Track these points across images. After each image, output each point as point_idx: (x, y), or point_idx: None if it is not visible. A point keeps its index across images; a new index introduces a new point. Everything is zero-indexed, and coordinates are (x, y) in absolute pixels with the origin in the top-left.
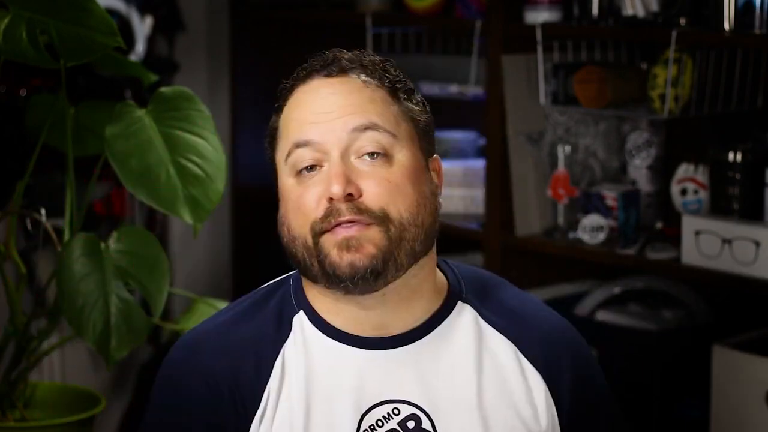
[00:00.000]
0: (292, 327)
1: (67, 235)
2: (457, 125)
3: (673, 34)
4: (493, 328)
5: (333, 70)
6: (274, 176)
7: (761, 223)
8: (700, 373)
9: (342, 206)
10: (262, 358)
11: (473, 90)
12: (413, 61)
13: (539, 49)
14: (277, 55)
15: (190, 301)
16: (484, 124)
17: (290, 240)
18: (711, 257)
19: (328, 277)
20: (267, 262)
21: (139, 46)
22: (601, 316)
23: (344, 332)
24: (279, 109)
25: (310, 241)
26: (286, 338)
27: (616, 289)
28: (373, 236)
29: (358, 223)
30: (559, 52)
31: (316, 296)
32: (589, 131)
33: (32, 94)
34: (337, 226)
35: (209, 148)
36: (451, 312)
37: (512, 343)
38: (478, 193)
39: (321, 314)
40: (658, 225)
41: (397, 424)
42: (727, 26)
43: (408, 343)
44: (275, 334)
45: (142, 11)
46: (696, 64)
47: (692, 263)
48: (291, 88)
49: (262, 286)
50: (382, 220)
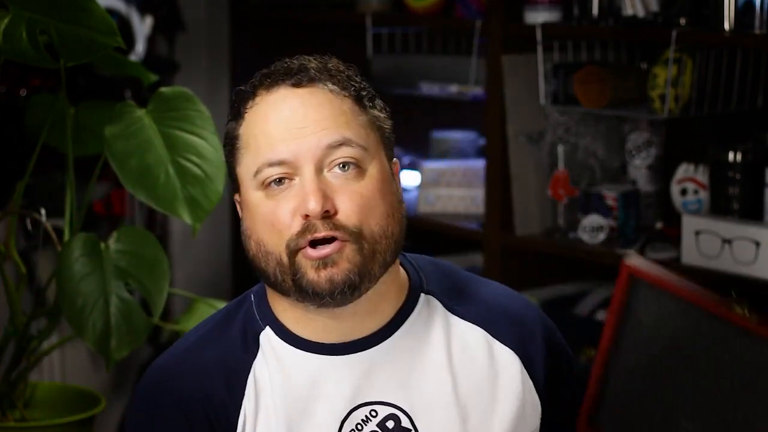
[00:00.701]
0: (259, 344)
1: (67, 235)
2: (457, 125)
3: (673, 34)
4: (459, 316)
5: (301, 79)
6: (235, 185)
7: (761, 223)
8: None
9: (318, 223)
10: (233, 379)
11: (473, 90)
12: (413, 61)
13: (539, 49)
14: (277, 55)
15: (190, 302)
16: (484, 124)
17: (262, 255)
18: (711, 257)
19: (305, 293)
20: None
21: (139, 46)
22: (601, 316)
23: (313, 342)
24: (239, 116)
25: (285, 259)
26: (255, 356)
27: None
28: (348, 254)
29: (333, 241)
30: (559, 52)
31: (285, 309)
32: (589, 131)
33: (32, 94)
34: (314, 242)
35: (209, 148)
36: (416, 306)
37: (481, 328)
38: (478, 193)
39: (289, 327)
40: (658, 225)
41: (377, 425)
42: (727, 26)
43: (378, 343)
44: (243, 353)
45: (142, 11)
46: (696, 64)
47: (692, 263)
48: (253, 95)
49: (222, 308)
50: (357, 237)
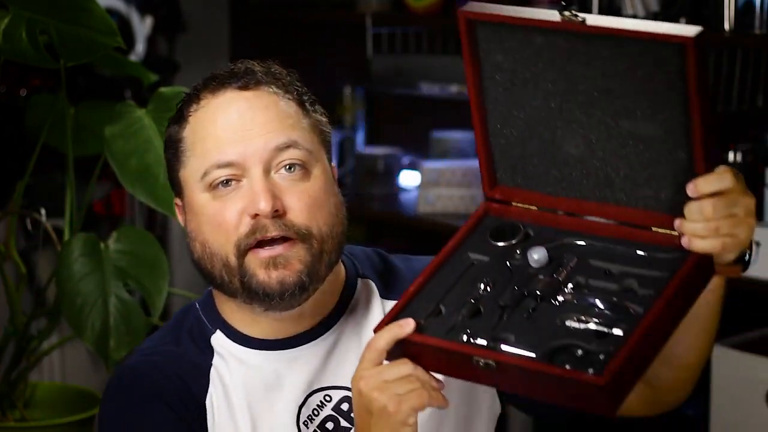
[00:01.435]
0: (213, 348)
1: (67, 235)
2: (457, 125)
3: None
4: (397, 294)
5: (248, 82)
6: (176, 189)
7: (761, 223)
8: (700, 373)
9: (268, 222)
10: (196, 374)
11: None
12: (413, 61)
13: None
14: (277, 55)
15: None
16: None
17: (207, 256)
18: None
19: (254, 295)
20: None
21: (139, 46)
22: None
23: (263, 339)
24: (183, 119)
25: (233, 260)
26: (211, 360)
27: None
28: (298, 253)
29: (283, 241)
30: None
31: (233, 311)
32: None
33: (32, 94)
34: (262, 242)
35: None
36: (355, 292)
37: None
38: (478, 193)
39: (238, 328)
40: None
41: (332, 409)
42: (727, 26)
43: (324, 332)
44: (199, 358)
45: (142, 11)
46: None
47: None
48: (197, 98)
49: (167, 322)
50: (306, 236)
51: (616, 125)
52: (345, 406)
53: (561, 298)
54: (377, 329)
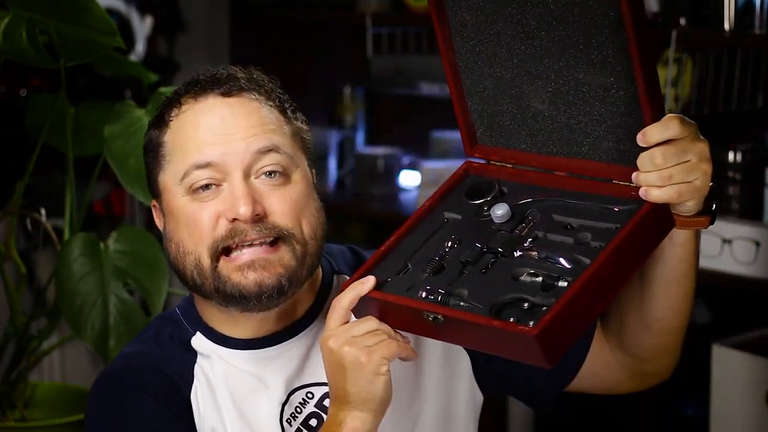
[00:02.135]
0: (195, 350)
1: (67, 235)
2: (457, 125)
3: (673, 34)
4: None
5: (231, 88)
6: (155, 193)
7: (761, 223)
8: (700, 373)
9: (247, 227)
10: (181, 373)
11: None
12: (413, 61)
13: None
14: (277, 55)
15: None
16: None
17: (180, 255)
18: (711, 257)
19: (229, 297)
20: None
21: (139, 46)
22: None
23: (243, 339)
24: (163, 124)
25: (206, 261)
26: (195, 360)
27: None
28: (282, 256)
29: (264, 244)
30: None
31: (212, 312)
32: None
33: (32, 94)
34: (242, 245)
35: None
36: (331, 288)
37: None
38: None
39: (217, 328)
40: None
41: (315, 406)
42: (727, 26)
43: (303, 329)
44: (183, 358)
45: (142, 11)
46: (696, 64)
47: None
48: (178, 103)
49: (146, 329)
50: (288, 238)
51: (573, 77)
52: (327, 402)
53: (519, 252)
54: (343, 286)
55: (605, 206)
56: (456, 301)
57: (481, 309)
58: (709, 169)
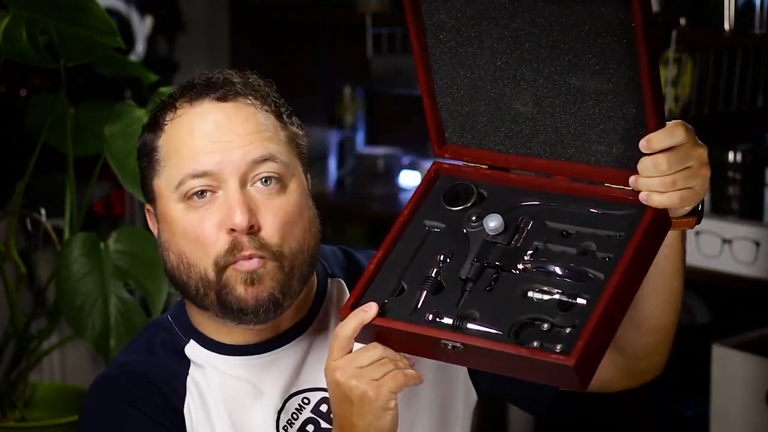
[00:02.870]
0: (188, 358)
1: (67, 235)
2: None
3: (673, 34)
4: None
5: (227, 93)
6: (149, 197)
7: (761, 223)
8: (700, 373)
9: (244, 240)
10: (174, 382)
11: None
12: (413, 61)
13: None
14: (277, 55)
15: None
16: None
17: (184, 267)
18: (711, 257)
19: (228, 309)
20: None
21: (139, 46)
22: None
23: (237, 346)
24: (158, 128)
25: (212, 274)
26: (187, 370)
27: None
28: (270, 271)
29: (258, 257)
30: None
31: (204, 320)
32: None
33: (32, 94)
34: (241, 259)
35: None
36: (326, 293)
37: None
38: None
39: (211, 336)
40: None
41: (311, 411)
42: (727, 26)
43: (298, 335)
44: (175, 367)
45: (142, 11)
46: (696, 64)
47: (692, 263)
48: (173, 107)
49: (138, 335)
50: (277, 256)
51: (565, 82)
52: (324, 408)
53: (521, 266)
54: (342, 312)
55: (601, 211)
56: (471, 326)
57: (500, 335)
58: (708, 174)
